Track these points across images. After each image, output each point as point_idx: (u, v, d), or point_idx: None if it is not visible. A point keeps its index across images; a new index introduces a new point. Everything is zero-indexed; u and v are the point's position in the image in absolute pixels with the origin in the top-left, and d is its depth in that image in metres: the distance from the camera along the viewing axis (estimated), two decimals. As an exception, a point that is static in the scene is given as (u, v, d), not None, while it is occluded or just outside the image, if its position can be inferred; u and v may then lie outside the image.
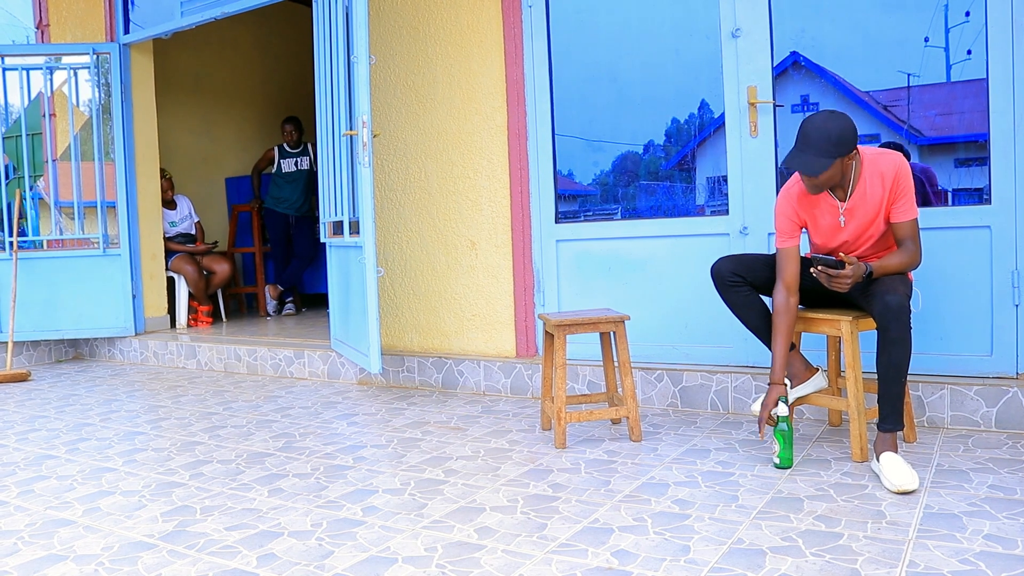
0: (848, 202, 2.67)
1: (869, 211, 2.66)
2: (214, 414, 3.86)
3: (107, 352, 5.89)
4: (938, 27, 3.18)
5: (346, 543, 2.14)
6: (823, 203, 2.72)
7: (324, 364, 4.70)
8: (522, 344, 4.12)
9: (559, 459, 2.86)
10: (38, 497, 2.66)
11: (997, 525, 2.08)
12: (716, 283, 2.86)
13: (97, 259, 5.71)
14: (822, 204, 2.72)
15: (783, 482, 2.49)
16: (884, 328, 2.48)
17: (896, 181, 2.62)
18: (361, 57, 3.75)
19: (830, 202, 2.71)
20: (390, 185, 4.55)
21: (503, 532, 2.18)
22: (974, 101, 3.13)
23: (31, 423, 3.82)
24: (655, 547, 2.03)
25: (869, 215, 2.67)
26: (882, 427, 2.54)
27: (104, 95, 5.86)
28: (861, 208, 2.67)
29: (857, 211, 2.68)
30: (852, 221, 2.69)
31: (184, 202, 6.67)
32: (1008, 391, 2.97)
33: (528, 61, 4.03)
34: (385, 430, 3.40)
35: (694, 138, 3.77)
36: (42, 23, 6.31)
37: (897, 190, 2.63)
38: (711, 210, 3.72)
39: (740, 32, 3.50)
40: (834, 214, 2.71)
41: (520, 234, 4.09)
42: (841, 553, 1.94)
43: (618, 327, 3.05)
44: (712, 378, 3.49)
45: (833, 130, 2.51)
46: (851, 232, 2.71)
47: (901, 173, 2.63)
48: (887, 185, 2.63)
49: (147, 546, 2.18)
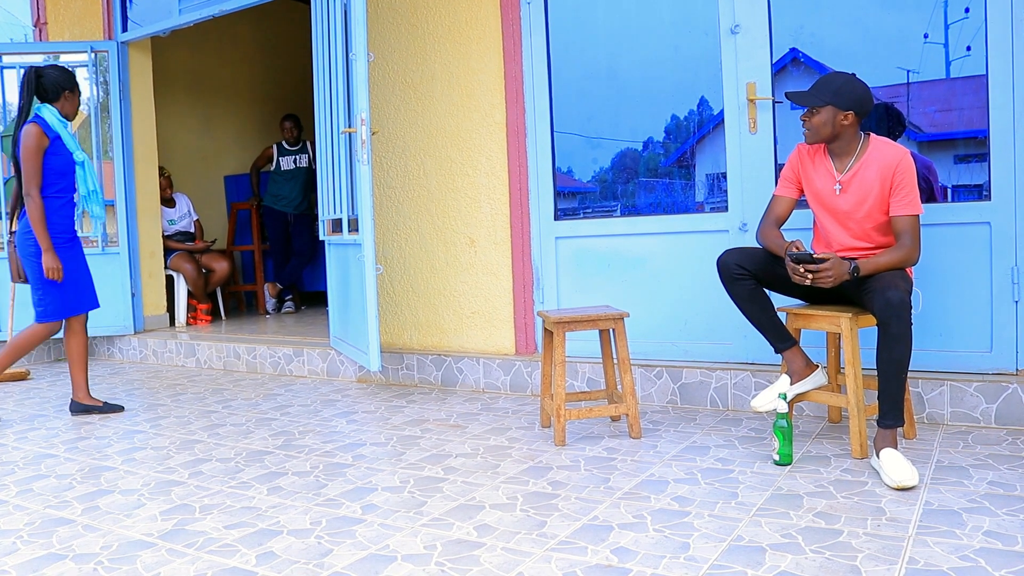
0: (844, 175, 2.76)
1: (863, 192, 2.72)
2: (213, 412, 3.86)
3: (106, 351, 5.88)
4: (938, 23, 3.17)
5: (345, 541, 2.14)
6: (822, 166, 2.83)
7: (323, 362, 4.69)
8: (521, 341, 4.12)
9: (558, 456, 2.86)
10: (37, 496, 2.66)
11: (997, 521, 2.07)
12: (722, 275, 2.86)
13: (96, 257, 5.67)
14: (820, 167, 2.84)
15: (783, 479, 2.49)
16: (885, 324, 2.48)
17: (896, 174, 2.67)
18: (359, 54, 3.74)
19: (828, 167, 2.81)
20: (389, 183, 4.54)
21: (502, 530, 2.17)
22: (974, 97, 3.13)
23: (30, 422, 3.82)
24: (655, 544, 2.02)
25: (862, 196, 2.73)
26: (882, 423, 2.53)
27: (102, 93, 5.86)
28: (856, 185, 2.74)
29: (851, 186, 2.75)
30: (847, 194, 2.76)
31: (183, 200, 6.66)
32: (1008, 387, 2.96)
33: (527, 58, 4.02)
34: (384, 428, 3.40)
35: (693, 135, 3.76)
36: (40, 21, 6.30)
37: (896, 183, 2.67)
38: (710, 207, 3.72)
39: (739, 28, 3.50)
40: (830, 180, 2.80)
41: (519, 231, 4.08)
42: (841, 550, 1.93)
43: (617, 324, 3.04)
44: (712, 375, 3.49)
45: (838, 80, 2.70)
46: (849, 204, 2.76)
47: (903, 167, 2.66)
48: (886, 176, 2.68)
49: (146, 545, 2.18)
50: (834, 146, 2.78)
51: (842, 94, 2.67)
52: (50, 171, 3.73)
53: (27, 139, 3.65)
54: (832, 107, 2.69)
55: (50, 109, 3.77)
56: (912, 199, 2.67)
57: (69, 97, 3.81)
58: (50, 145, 3.71)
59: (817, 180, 2.84)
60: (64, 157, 3.77)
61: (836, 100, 2.68)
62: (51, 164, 3.72)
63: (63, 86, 3.79)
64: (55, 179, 3.76)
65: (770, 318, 2.85)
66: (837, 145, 2.77)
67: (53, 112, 3.76)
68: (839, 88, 2.68)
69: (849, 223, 2.78)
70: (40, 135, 3.66)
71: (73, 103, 3.84)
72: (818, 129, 2.74)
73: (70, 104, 3.82)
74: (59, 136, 3.74)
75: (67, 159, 3.79)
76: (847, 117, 2.69)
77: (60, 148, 3.75)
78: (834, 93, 2.68)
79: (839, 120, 2.70)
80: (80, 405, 3.93)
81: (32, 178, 3.67)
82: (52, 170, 3.73)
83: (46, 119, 3.73)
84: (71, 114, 3.84)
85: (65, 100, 3.80)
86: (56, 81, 3.78)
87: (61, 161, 3.76)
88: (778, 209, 2.93)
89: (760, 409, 2.83)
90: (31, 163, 3.65)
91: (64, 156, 3.77)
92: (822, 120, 2.71)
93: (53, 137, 3.72)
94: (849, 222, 2.78)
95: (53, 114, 3.76)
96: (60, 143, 3.75)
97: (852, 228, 2.78)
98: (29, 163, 3.66)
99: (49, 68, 3.83)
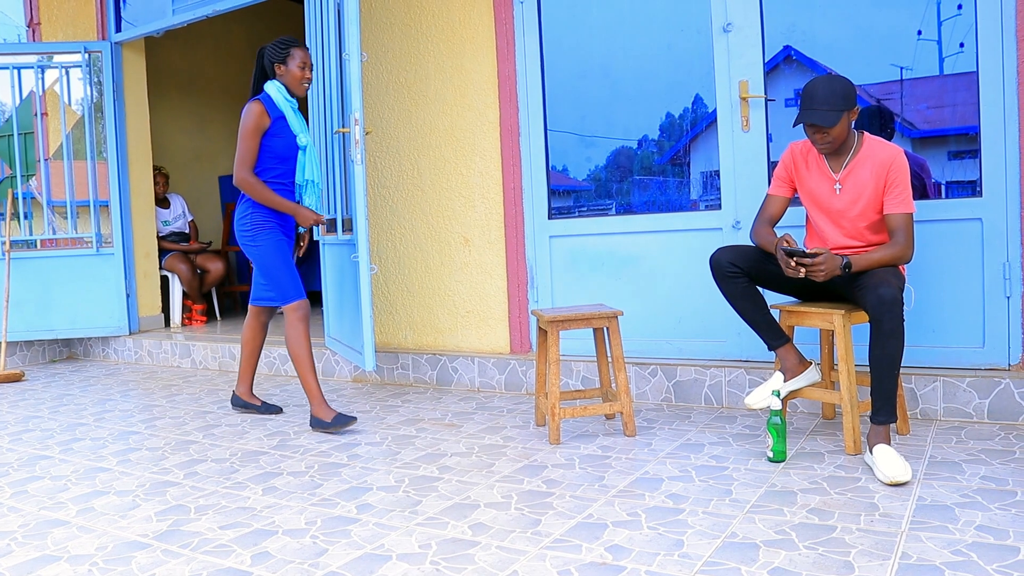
0: (841, 173, 2.77)
1: (857, 191, 2.74)
2: (208, 413, 3.86)
3: (101, 352, 5.87)
4: (931, 20, 3.18)
5: (340, 541, 2.15)
6: (816, 166, 2.83)
7: (319, 362, 4.69)
8: (516, 340, 4.12)
9: (553, 455, 2.86)
10: (32, 497, 2.66)
11: (989, 516, 2.08)
12: (714, 273, 2.86)
13: (90, 258, 5.70)
14: (815, 167, 2.84)
15: (777, 476, 2.50)
16: (877, 321, 2.49)
17: (891, 172, 2.69)
18: (353, 54, 3.74)
19: (823, 167, 2.81)
20: (383, 182, 4.54)
21: (497, 528, 2.18)
22: (966, 94, 3.14)
23: (25, 423, 3.81)
24: (649, 542, 2.03)
25: (856, 194, 2.74)
26: (875, 419, 2.54)
27: (96, 93, 5.84)
28: (851, 183, 2.75)
29: (847, 184, 2.76)
30: (843, 196, 2.77)
31: (177, 201, 6.65)
32: (1000, 382, 2.97)
33: (520, 56, 4.03)
34: (379, 427, 3.40)
35: (687, 133, 3.77)
36: (33, 21, 6.28)
37: (890, 181, 2.68)
38: (704, 205, 3.72)
39: (731, 27, 3.50)
40: (827, 180, 2.80)
41: (513, 230, 4.08)
42: (834, 546, 1.94)
43: (611, 322, 3.05)
44: (706, 372, 3.50)
45: (838, 86, 2.68)
46: (844, 203, 2.77)
47: (897, 165, 2.69)
48: (881, 174, 2.70)
49: (141, 546, 2.18)
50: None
51: (848, 96, 2.67)
52: (269, 154, 3.35)
53: (245, 117, 3.30)
54: (846, 113, 2.67)
55: (277, 85, 3.37)
56: (905, 197, 2.68)
57: (284, 71, 3.38)
58: (271, 125, 3.32)
59: (811, 180, 2.85)
60: (286, 139, 3.38)
61: (848, 104, 2.67)
62: (271, 147, 3.35)
63: (274, 60, 3.38)
64: (273, 164, 3.37)
65: (763, 315, 2.85)
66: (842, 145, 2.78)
67: (280, 89, 3.37)
68: (843, 92, 2.65)
69: (843, 221, 2.79)
70: (261, 113, 3.29)
71: (293, 75, 3.37)
72: (838, 138, 2.70)
73: (290, 77, 3.37)
74: (283, 116, 3.36)
75: (289, 142, 3.39)
76: (854, 113, 2.72)
77: (283, 129, 3.36)
78: (844, 99, 2.65)
79: (850, 120, 2.71)
80: (240, 400, 3.77)
81: (245, 160, 3.29)
82: (271, 153, 3.36)
83: (272, 97, 3.35)
84: (296, 89, 3.40)
85: (283, 75, 3.38)
86: (270, 56, 3.39)
87: (282, 144, 3.37)
88: (771, 208, 2.94)
89: (754, 406, 2.84)
90: (247, 142, 3.29)
91: (286, 139, 3.38)
92: (842, 128, 2.68)
93: (276, 117, 3.34)
94: (843, 220, 2.79)
95: (280, 92, 3.36)
96: (284, 124, 3.37)
97: (845, 227, 2.79)
98: (244, 143, 3.29)
99: (273, 43, 3.42)
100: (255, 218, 3.40)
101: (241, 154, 3.30)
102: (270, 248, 3.39)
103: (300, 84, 3.40)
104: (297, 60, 3.37)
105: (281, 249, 3.41)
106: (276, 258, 3.39)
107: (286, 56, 3.36)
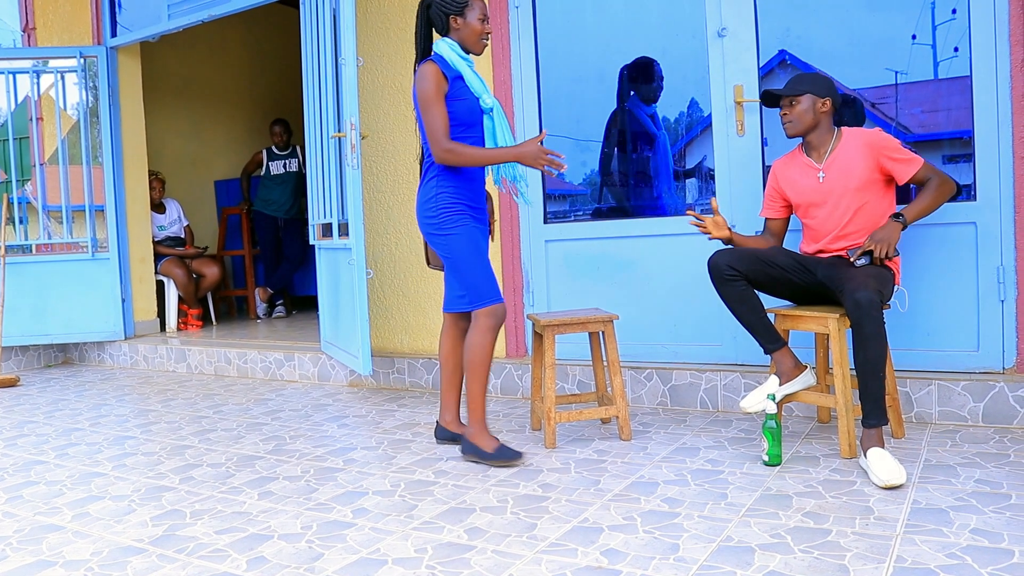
0: (824, 162, 2.86)
1: (846, 170, 2.81)
2: (204, 418, 3.85)
3: (97, 356, 5.86)
4: (925, 24, 3.19)
5: (336, 545, 2.14)
6: (800, 167, 2.94)
7: (314, 366, 4.69)
8: (511, 344, 4.12)
9: (549, 459, 2.86)
10: (27, 503, 2.65)
11: (984, 519, 2.09)
12: (712, 276, 2.87)
13: (86, 263, 5.69)
14: (799, 168, 2.95)
15: (772, 479, 2.50)
16: (857, 325, 2.51)
17: (880, 148, 2.78)
18: (348, 59, 3.75)
19: (806, 164, 2.91)
20: (378, 187, 4.54)
21: (493, 532, 2.18)
22: (960, 98, 3.15)
23: (20, 428, 3.81)
24: (644, 546, 2.03)
25: (845, 172, 2.81)
26: (866, 423, 2.55)
27: (92, 98, 5.84)
28: (836, 166, 2.83)
29: (832, 168, 2.84)
30: (830, 177, 2.85)
31: (173, 205, 6.65)
32: (995, 386, 2.98)
33: (515, 61, 4.03)
34: (375, 432, 3.40)
35: (682, 137, 3.78)
36: (28, 26, 6.28)
37: (884, 155, 2.77)
38: (700, 209, 3.73)
39: (726, 32, 3.52)
40: (812, 172, 2.90)
41: (508, 235, 4.09)
42: (829, 549, 1.95)
43: (607, 327, 3.05)
44: (701, 376, 3.51)
45: (808, 74, 2.89)
46: (832, 183, 2.83)
47: (881, 138, 2.80)
48: (869, 153, 2.79)
49: (137, 551, 2.17)
50: (812, 137, 2.87)
51: (818, 83, 2.84)
52: (450, 122, 2.83)
53: (421, 81, 2.80)
54: (811, 95, 2.83)
55: (449, 43, 2.87)
56: (909, 155, 2.77)
57: (462, 24, 2.86)
58: (449, 88, 2.82)
59: (799, 180, 2.92)
60: (468, 103, 2.85)
61: (814, 88, 2.83)
62: (451, 112, 2.83)
63: (448, 11, 2.86)
64: (456, 132, 2.84)
65: (760, 319, 2.86)
66: (815, 135, 2.87)
67: (453, 47, 2.86)
68: (812, 77, 2.86)
69: (837, 210, 2.82)
70: (437, 75, 2.78)
71: (472, 29, 2.86)
72: (800, 117, 2.84)
73: (468, 31, 2.86)
74: (460, 76, 2.85)
75: (472, 105, 2.85)
76: (825, 104, 2.83)
77: (463, 91, 2.84)
78: (810, 83, 2.84)
79: (818, 108, 2.83)
80: (446, 432, 3.12)
81: (439, 128, 2.77)
82: (453, 120, 2.83)
83: (444, 56, 2.85)
84: (473, 45, 2.89)
85: (457, 28, 2.87)
86: (443, 7, 2.86)
87: (464, 108, 2.84)
88: (769, 228, 3.10)
89: (749, 410, 2.84)
90: (434, 109, 2.77)
91: (468, 101, 2.85)
92: (803, 108, 2.83)
93: (453, 77, 2.82)
94: (838, 207, 2.82)
95: (453, 49, 2.86)
96: (462, 84, 2.85)
97: (839, 216, 2.81)
98: (431, 110, 2.78)
99: None
100: (441, 199, 2.86)
101: (431, 125, 2.78)
102: (461, 239, 2.85)
103: (479, 40, 2.90)
104: (477, 11, 2.87)
105: (473, 240, 2.87)
106: (468, 251, 2.85)
107: (464, 7, 2.86)
